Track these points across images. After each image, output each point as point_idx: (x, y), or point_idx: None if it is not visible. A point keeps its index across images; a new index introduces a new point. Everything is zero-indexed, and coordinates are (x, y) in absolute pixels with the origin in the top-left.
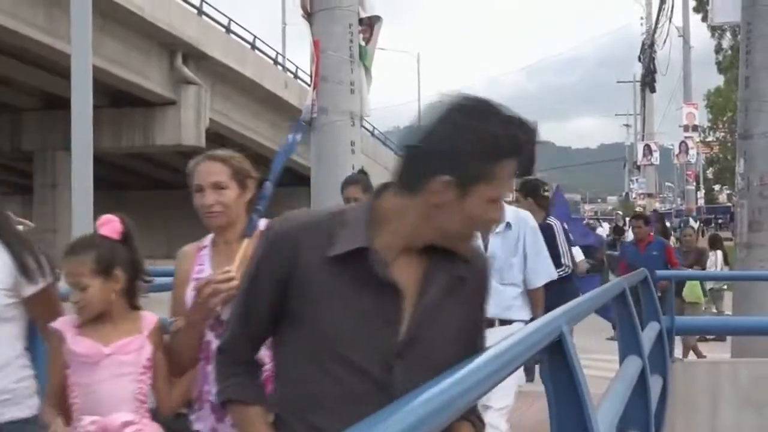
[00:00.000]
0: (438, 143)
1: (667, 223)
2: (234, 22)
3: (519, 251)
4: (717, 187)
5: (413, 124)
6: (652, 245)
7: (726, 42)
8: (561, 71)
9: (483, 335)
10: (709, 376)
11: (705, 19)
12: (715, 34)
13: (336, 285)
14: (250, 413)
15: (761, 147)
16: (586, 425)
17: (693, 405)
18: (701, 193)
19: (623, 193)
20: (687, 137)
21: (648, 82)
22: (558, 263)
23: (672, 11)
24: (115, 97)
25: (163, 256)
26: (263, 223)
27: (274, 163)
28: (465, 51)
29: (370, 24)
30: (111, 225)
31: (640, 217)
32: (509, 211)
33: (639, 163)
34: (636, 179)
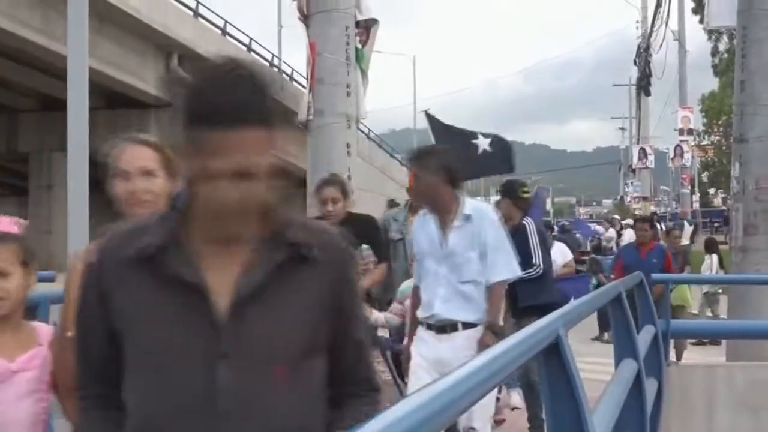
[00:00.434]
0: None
1: (658, 226)
2: (230, 24)
3: (478, 245)
4: (712, 191)
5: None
6: (653, 252)
7: (723, 45)
8: (558, 74)
9: (356, 325)
10: (705, 379)
11: (703, 21)
12: (712, 36)
13: (143, 293)
14: None
15: (756, 150)
16: (582, 428)
17: (688, 408)
18: (696, 197)
19: (618, 197)
20: (682, 141)
21: (643, 85)
22: (529, 263)
23: (668, 15)
24: (111, 99)
25: None
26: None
27: None
28: (463, 52)
29: (366, 27)
30: (8, 225)
31: (646, 220)
32: (469, 204)
33: (634, 167)
34: (631, 182)
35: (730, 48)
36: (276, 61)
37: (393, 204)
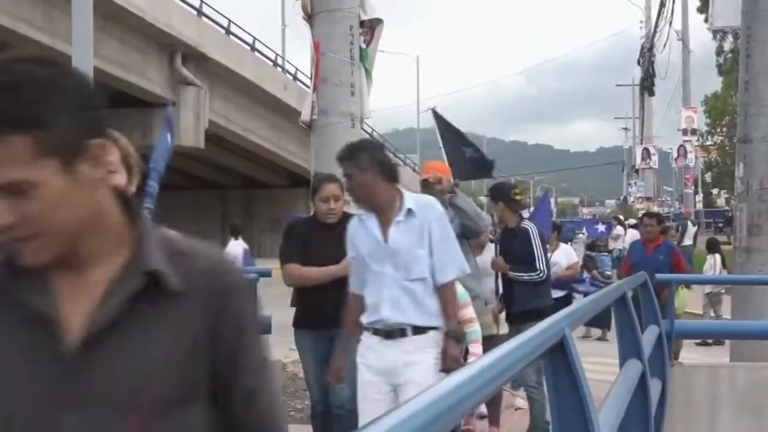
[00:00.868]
0: None
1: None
2: (233, 23)
3: (425, 242)
4: (715, 191)
5: None
6: (660, 248)
7: (728, 44)
8: (561, 74)
9: (244, 369)
10: (708, 380)
11: (708, 21)
12: (717, 36)
13: None
14: None
15: (761, 151)
16: (588, 428)
17: (692, 409)
18: (699, 197)
19: (621, 197)
20: (686, 141)
21: (647, 85)
22: (533, 268)
23: (672, 15)
24: (115, 98)
25: None
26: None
27: (155, 163)
28: (465, 52)
29: (371, 26)
30: None
31: (653, 216)
32: (410, 198)
33: (638, 167)
34: (634, 183)
35: (735, 48)
36: (280, 61)
37: None
